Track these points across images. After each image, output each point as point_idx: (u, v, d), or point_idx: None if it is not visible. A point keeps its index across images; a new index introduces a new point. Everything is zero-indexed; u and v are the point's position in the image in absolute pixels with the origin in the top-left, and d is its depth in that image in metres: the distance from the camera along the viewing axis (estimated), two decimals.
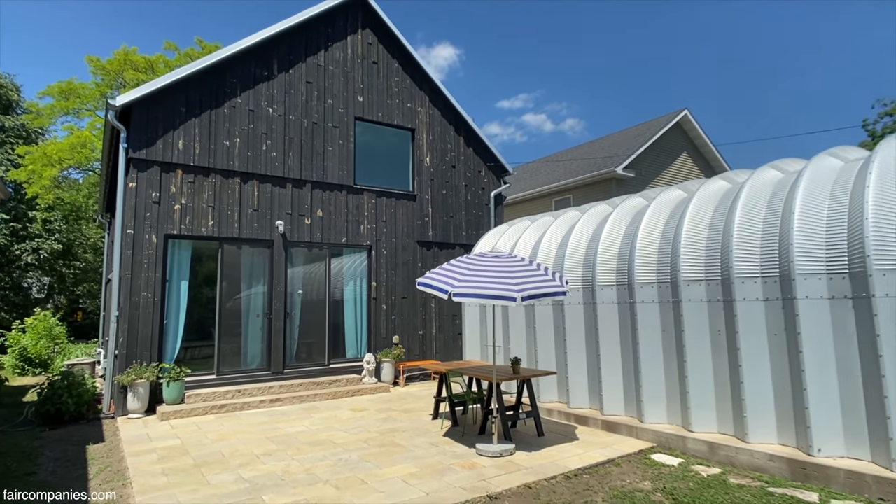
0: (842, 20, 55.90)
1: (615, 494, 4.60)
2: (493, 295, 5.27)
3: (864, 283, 4.82)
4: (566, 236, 8.16)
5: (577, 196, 17.78)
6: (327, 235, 10.39)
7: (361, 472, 5.16)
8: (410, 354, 11.13)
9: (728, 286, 5.82)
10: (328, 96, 10.65)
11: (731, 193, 6.45)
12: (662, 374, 6.45)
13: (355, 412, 8.10)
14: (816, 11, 56.74)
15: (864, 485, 4.56)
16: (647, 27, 77.62)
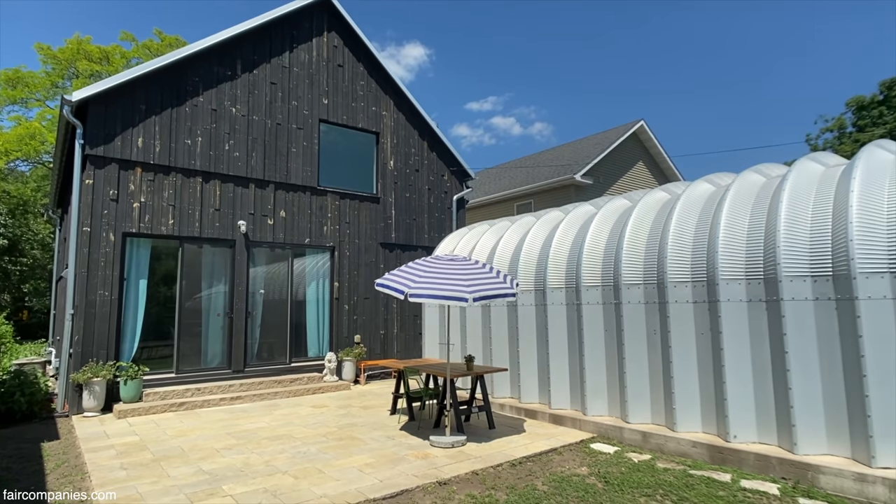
0: (792, 33, 59.23)
1: (554, 479, 5.03)
2: (446, 296, 5.63)
3: (775, 287, 5.42)
4: (521, 241, 8.61)
5: (538, 201, 18.40)
6: (290, 236, 10.53)
7: (319, 463, 5.42)
8: (372, 353, 11.38)
9: (662, 290, 6.37)
10: (293, 98, 10.79)
11: (668, 204, 7.02)
12: (604, 371, 6.96)
13: (315, 409, 8.31)
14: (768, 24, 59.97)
15: (770, 466, 5.15)
16: (618, 34, 79.95)
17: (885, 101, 29.32)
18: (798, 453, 5.11)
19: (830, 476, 4.79)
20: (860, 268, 4.92)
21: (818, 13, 53.21)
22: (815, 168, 6.04)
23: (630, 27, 76.32)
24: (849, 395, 4.97)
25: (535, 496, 4.58)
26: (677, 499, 4.54)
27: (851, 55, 48.16)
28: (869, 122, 29.71)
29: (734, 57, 62.50)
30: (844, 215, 5.12)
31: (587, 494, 4.63)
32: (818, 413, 5.14)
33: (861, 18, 49.46)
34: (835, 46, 50.94)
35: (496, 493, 4.66)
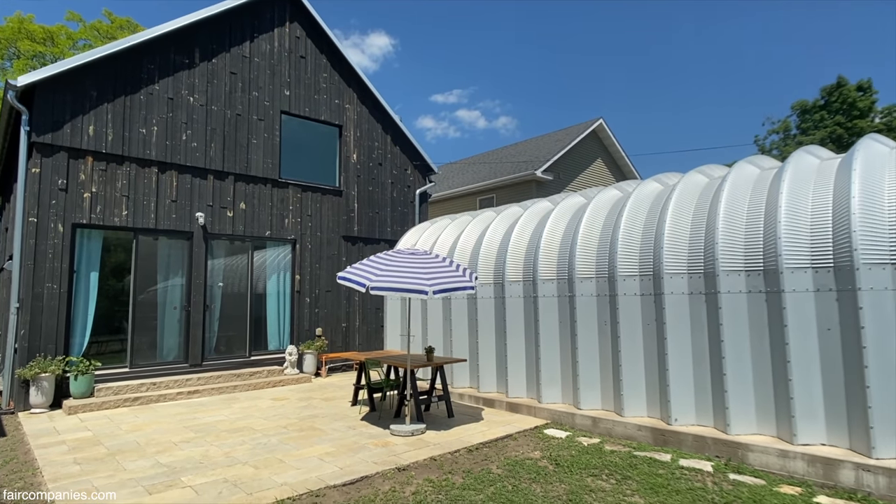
0: (742, 34, 61.89)
1: (508, 462, 5.29)
2: (407, 288, 5.79)
3: (713, 281, 5.84)
4: (481, 235, 8.84)
5: (500, 196, 18.73)
6: (250, 228, 10.42)
7: (279, 454, 5.50)
8: (333, 346, 11.43)
9: (613, 283, 6.72)
10: (253, 88, 10.65)
11: (620, 202, 7.38)
12: (558, 360, 7.29)
13: (276, 401, 8.34)
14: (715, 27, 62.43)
15: (706, 446, 5.58)
16: (583, 31, 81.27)
17: (825, 105, 31.15)
18: (731, 433, 5.55)
19: (758, 453, 5.23)
20: (787, 263, 5.36)
21: (780, 15, 55.78)
22: (751, 170, 6.50)
23: (595, 23, 77.85)
24: (775, 379, 5.42)
25: (490, 479, 4.82)
26: (621, 478, 4.88)
27: (806, 57, 50.73)
28: (811, 126, 31.52)
29: (698, 57, 64.72)
30: (774, 215, 5.55)
31: (538, 476, 4.91)
32: (749, 396, 5.58)
33: (818, 20, 52.14)
34: (792, 47, 53.45)
35: (453, 476, 4.88)
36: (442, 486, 4.63)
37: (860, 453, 4.78)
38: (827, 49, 49.33)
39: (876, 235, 4.89)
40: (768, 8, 54.87)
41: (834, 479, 4.72)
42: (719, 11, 58.55)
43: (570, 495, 4.44)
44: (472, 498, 4.38)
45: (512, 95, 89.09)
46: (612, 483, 4.74)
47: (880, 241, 4.87)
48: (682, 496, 4.43)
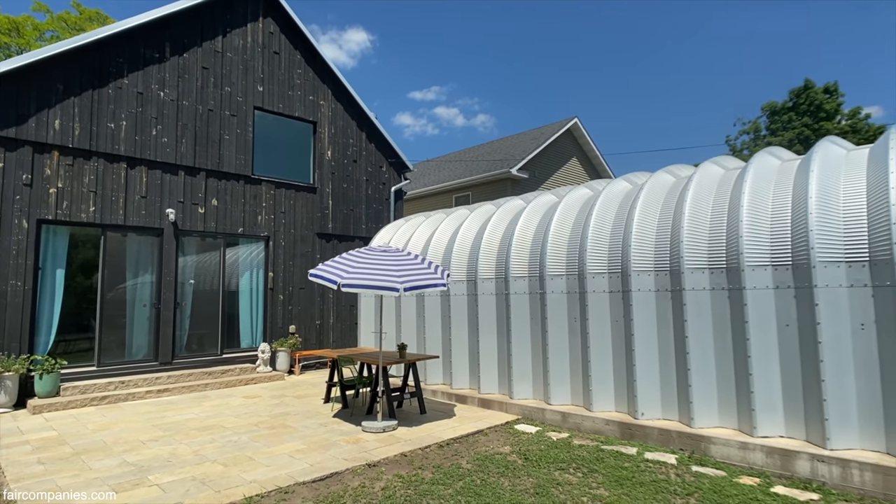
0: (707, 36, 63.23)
1: (478, 457, 5.37)
2: (378, 286, 5.81)
3: (678, 278, 6.00)
4: (455, 233, 8.90)
5: (476, 193, 18.82)
6: (222, 225, 10.29)
7: (249, 451, 5.47)
8: (307, 343, 11.36)
9: (582, 280, 6.84)
10: (226, 84, 10.49)
11: (590, 201, 7.51)
12: (530, 357, 7.39)
13: (247, 399, 8.26)
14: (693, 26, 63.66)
15: (671, 439, 5.73)
16: (563, 28, 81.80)
17: (793, 107, 32.04)
18: (694, 427, 5.72)
19: (720, 446, 5.40)
20: (748, 261, 5.54)
21: (751, 15, 57.11)
22: (715, 170, 6.68)
23: (574, 23, 78.56)
24: (737, 374, 5.60)
25: (459, 473, 4.88)
26: (588, 471, 4.99)
27: (781, 57, 52.02)
28: (780, 127, 32.39)
29: (673, 58, 65.87)
30: (737, 215, 5.72)
31: (507, 470, 4.99)
32: (712, 391, 5.75)
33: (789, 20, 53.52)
34: (765, 48, 54.75)
35: (423, 472, 4.93)
36: (411, 482, 4.67)
37: (815, 444, 4.98)
38: (800, 50, 50.71)
39: (831, 234, 5.09)
40: (748, 8, 56.16)
41: (791, 470, 4.91)
42: (696, 12, 59.67)
43: (538, 488, 4.53)
44: (441, 492, 4.44)
45: (491, 93, 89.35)
46: (578, 476, 4.85)
47: (835, 239, 5.07)
48: (645, 488, 4.56)
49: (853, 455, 4.67)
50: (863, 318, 4.88)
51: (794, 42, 51.81)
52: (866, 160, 5.35)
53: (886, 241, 4.72)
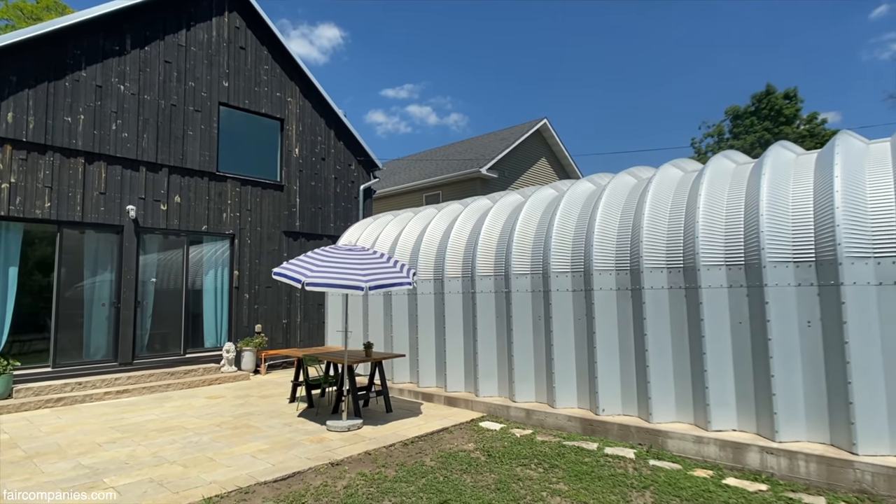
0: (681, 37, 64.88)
1: (442, 454, 5.41)
2: (342, 284, 5.79)
3: (638, 277, 6.16)
4: (422, 232, 8.92)
5: (446, 192, 18.87)
6: (186, 222, 10.05)
7: (211, 452, 5.39)
8: (273, 343, 11.21)
9: (546, 279, 6.95)
10: (189, 78, 10.25)
11: (555, 201, 7.63)
12: (495, 355, 7.48)
13: (211, 399, 8.11)
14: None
15: (630, 434, 5.89)
16: (536, 27, 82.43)
17: (755, 112, 33.18)
18: (652, 422, 5.88)
19: (676, 440, 5.58)
20: (703, 261, 5.73)
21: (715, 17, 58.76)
22: (675, 173, 6.89)
23: (547, 23, 79.43)
24: (693, 370, 5.78)
25: (423, 471, 4.92)
26: (549, 466, 5.09)
27: (748, 62, 53.67)
28: (742, 130, 33.49)
29: (643, 60, 67.26)
30: (693, 216, 5.91)
31: (470, 467, 5.05)
32: (669, 387, 5.93)
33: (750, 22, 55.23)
34: (731, 49, 56.32)
35: (386, 470, 4.94)
36: (374, 480, 4.68)
37: (765, 437, 5.19)
38: (765, 55, 52.44)
39: (781, 235, 5.31)
40: (718, 14, 57.75)
41: (742, 462, 5.11)
42: (671, 14, 61.00)
43: (499, 484, 4.59)
44: (403, 490, 4.46)
45: (464, 92, 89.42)
46: (539, 472, 4.94)
47: (784, 240, 5.29)
48: (603, 482, 4.67)
49: (800, 447, 4.88)
50: (809, 315, 5.10)
51: (760, 47, 53.56)
52: (814, 164, 5.60)
53: (830, 243, 4.95)
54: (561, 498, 4.32)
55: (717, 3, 56.29)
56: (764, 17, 53.36)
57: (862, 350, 4.73)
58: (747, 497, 4.36)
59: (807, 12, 49.97)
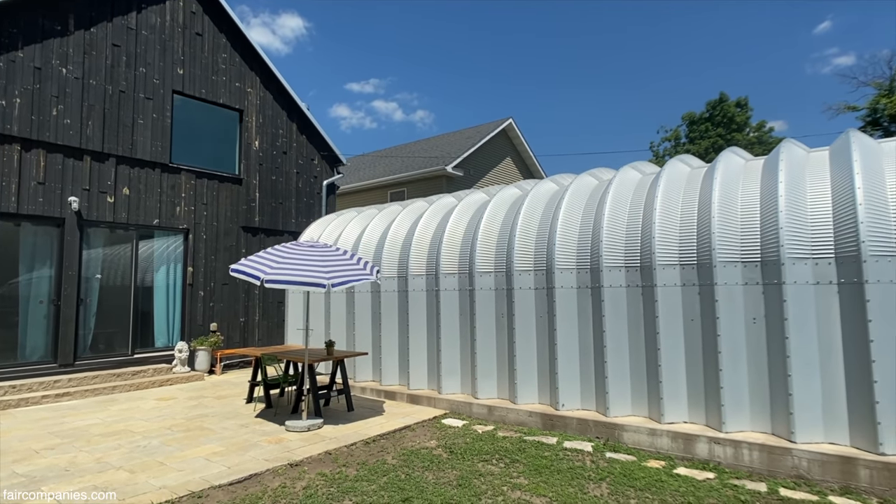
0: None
1: (404, 452, 5.38)
2: (303, 281, 5.66)
3: (598, 276, 6.31)
4: (387, 229, 8.84)
5: (411, 190, 18.79)
6: (135, 216, 9.59)
7: (161, 456, 5.16)
8: (230, 342, 10.86)
9: (510, 277, 7.03)
10: (140, 64, 9.77)
11: (518, 200, 7.72)
12: (458, 352, 7.50)
13: (161, 401, 7.78)
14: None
15: (588, 428, 6.04)
16: (505, 26, 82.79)
17: (710, 118, 34.62)
18: (610, 416, 6.05)
19: (631, 433, 5.76)
20: (659, 260, 5.93)
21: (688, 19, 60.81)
22: (634, 175, 7.09)
23: (514, 23, 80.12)
24: (648, 365, 5.98)
25: (384, 469, 4.88)
26: (510, 461, 5.14)
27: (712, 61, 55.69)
28: (698, 135, 34.89)
29: (607, 62, 68.73)
30: (651, 217, 6.11)
31: (432, 464, 5.04)
32: (626, 381, 6.11)
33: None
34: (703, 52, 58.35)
35: (347, 469, 4.87)
36: (335, 479, 4.61)
37: (713, 428, 5.42)
38: (720, 63, 54.70)
39: (730, 236, 5.56)
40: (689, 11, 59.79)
41: (692, 453, 5.32)
42: (637, 16, 62.55)
43: (460, 480, 4.61)
44: (365, 489, 4.41)
45: (430, 89, 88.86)
46: (500, 467, 4.99)
47: (733, 241, 5.54)
48: (562, 475, 4.77)
49: (744, 437, 5.14)
50: (755, 313, 5.37)
51: (715, 55, 55.87)
52: (761, 170, 5.88)
53: (775, 244, 5.22)
54: (521, 492, 4.38)
55: (675, 13, 58.35)
56: (718, 28, 55.74)
57: (801, 345, 5.02)
58: (696, 485, 4.54)
59: (757, 26, 52.55)
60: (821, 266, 5.05)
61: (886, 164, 5.09)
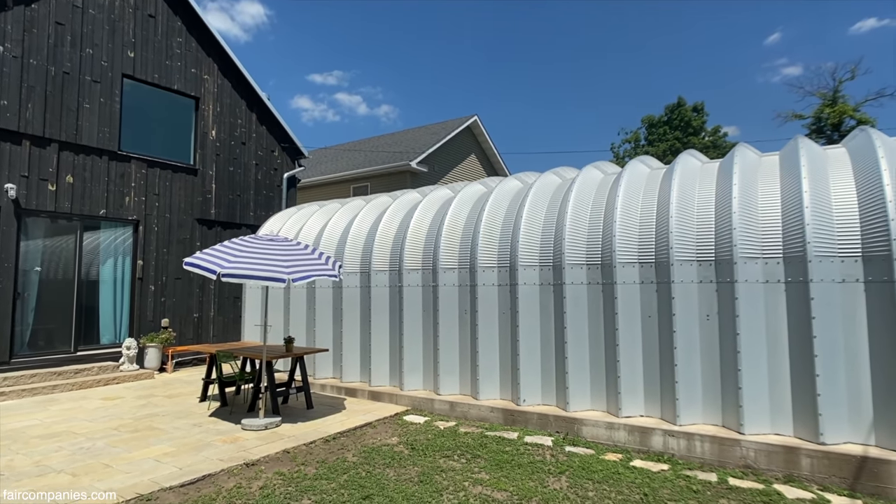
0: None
1: (364, 449, 5.30)
2: (263, 276, 5.48)
3: (560, 273, 6.40)
4: (349, 224, 8.69)
5: (374, 184, 18.57)
6: (80, 206, 9.07)
7: (106, 458, 4.90)
8: (183, 338, 10.45)
9: (473, 273, 7.03)
10: (87, 45, 9.23)
11: (483, 197, 7.73)
12: (421, 348, 7.46)
13: (107, 401, 7.40)
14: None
15: (549, 423, 6.12)
16: (470, 28, 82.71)
17: (668, 121, 35.76)
18: (569, 411, 6.14)
19: (590, 427, 5.87)
20: (619, 258, 6.05)
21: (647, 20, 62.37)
22: (596, 174, 7.22)
23: (481, 21, 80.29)
24: (607, 361, 6.10)
25: (344, 467, 4.79)
26: (471, 457, 5.15)
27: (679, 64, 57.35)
28: (656, 138, 35.98)
29: (572, 61, 69.77)
30: (612, 216, 6.23)
31: (393, 461, 4.99)
32: (585, 376, 6.22)
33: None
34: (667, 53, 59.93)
35: (306, 468, 4.76)
36: (293, 478, 4.49)
37: (668, 421, 5.59)
38: (681, 67, 56.51)
39: (687, 236, 5.73)
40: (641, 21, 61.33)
41: (648, 446, 5.47)
42: (606, 16, 63.68)
43: (422, 476, 4.58)
44: (324, 487, 4.32)
45: (396, 83, 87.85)
46: (462, 462, 4.99)
47: (689, 240, 5.72)
48: (523, 470, 4.81)
49: (697, 429, 5.32)
50: (709, 310, 5.56)
51: (678, 59, 57.66)
52: (716, 173, 6.10)
53: (728, 244, 5.42)
54: (482, 487, 4.39)
55: (637, 14, 59.92)
56: (679, 34, 57.62)
57: (750, 341, 5.24)
58: (651, 477, 4.67)
59: (712, 34, 54.63)
60: (770, 265, 5.27)
61: (831, 170, 5.37)
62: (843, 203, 5.09)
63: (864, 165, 5.18)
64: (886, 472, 4.39)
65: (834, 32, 43.56)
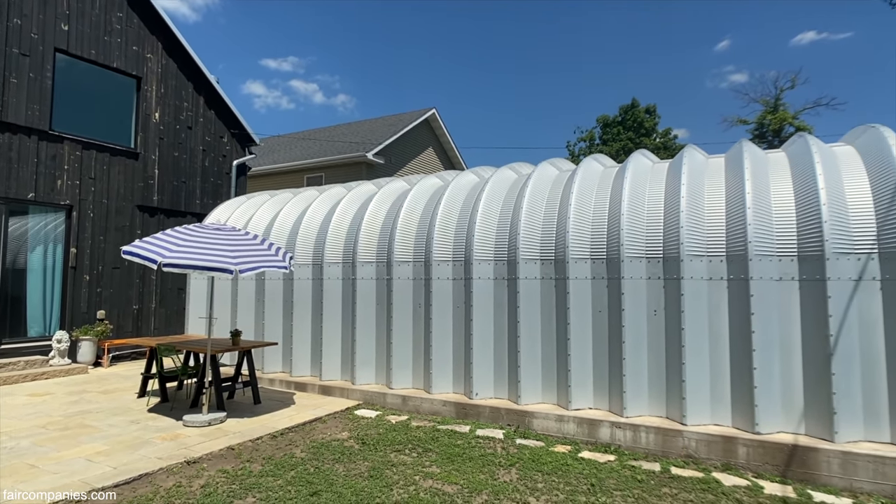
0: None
1: (313, 445, 5.18)
2: (208, 266, 5.23)
3: (514, 268, 6.44)
4: (302, 214, 8.45)
5: (329, 175, 18.18)
6: (4, 188, 8.39)
7: (32, 458, 4.55)
8: (121, 331, 9.88)
9: (428, 267, 6.98)
10: (14, 14, 8.52)
11: (440, 191, 7.68)
12: (374, 342, 7.35)
13: (35, 397, 6.90)
14: None
15: (500, 416, 6.17)
16: (431, 22, 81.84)
17: (622, 122, 36.77)
18: (521, 404, 6.21)
19: (541, 419, 5.95)
20: (572, 254, 6.16)
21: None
22: (551, 171, 7.31)
23: (441, 15, 79.83)
24: (558, 354, 6.20)
25: (292, 463, 4.65)
26: (422, 450, 5.12)
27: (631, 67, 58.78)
28: (610, 137, 36.93)
29: (530, 61, 70.46)
30: (566, 213, 6.32)
31: (343, 456, 4.89)
32: (537, 370, 6.30)
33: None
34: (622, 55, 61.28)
35: (251, 465, 4.59)
36: (237, 476, 4.32)
37: (615, 413, 5.75)
38: (637, 69, 58.15)
39: (637, 233, 5.89)
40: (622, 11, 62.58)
41: (596, 437, 5.60)
42: (570, 15, 64.46)
43: (372, 471, 4.51)
44: (270, 484, 4.17)
45: (353, 73, 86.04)
46: (413, 456, 4.95)
47: (640, 237, 5.88)
48: (474, 463, 4.82)
49: (642, 421, 5.49)
50: (656, 305, 5.74)
51: (628, 60, 59.32)
52: (666, 172, 6.29)
53: (675, 241, 5.60)
54: (433, 480, 4.36)
55: (588, 17, 61.24)
56: (634, 37, 59.28)
57: (694, 335, 5.45)
58: (598, 467, 4.79)
59: (665, 38, 56.58)
60: (714, 263, 5.49)
61: (771, 173, 5.64)
62: (782, 205, 5.36)
63: (801, 170, 5.47)
64: (814, 459, 4.67)
65: (777, 43, 46.07)
